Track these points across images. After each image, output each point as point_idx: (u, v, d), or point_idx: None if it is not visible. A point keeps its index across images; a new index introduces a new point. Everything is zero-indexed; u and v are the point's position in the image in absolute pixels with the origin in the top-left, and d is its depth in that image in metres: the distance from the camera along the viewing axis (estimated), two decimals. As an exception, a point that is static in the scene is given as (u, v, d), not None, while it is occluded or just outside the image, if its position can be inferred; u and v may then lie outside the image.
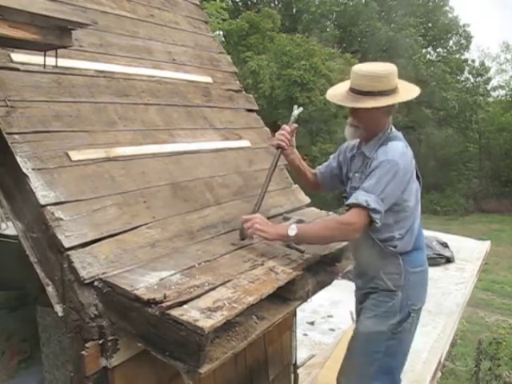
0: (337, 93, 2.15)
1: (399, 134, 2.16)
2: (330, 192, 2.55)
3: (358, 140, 2.23)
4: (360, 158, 2.19)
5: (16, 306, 2.99)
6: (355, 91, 2.05)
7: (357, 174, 2.18)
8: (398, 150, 2.03)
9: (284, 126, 2.29)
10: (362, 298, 2.28)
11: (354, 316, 2.49)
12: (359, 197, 1.94)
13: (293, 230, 1.92)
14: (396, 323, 2.13)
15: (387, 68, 2.07)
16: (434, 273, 5.73)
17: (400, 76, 2.11)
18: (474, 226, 18.11)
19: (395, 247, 2.13)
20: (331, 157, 2.44)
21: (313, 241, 2.01)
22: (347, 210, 1.98)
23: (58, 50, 1.61)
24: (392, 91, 2.03)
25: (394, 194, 1.98)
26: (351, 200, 1.97)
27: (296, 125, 2.31)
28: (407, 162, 2.04)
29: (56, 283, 1.61)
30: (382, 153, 2.02)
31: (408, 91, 2.11)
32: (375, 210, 1.92)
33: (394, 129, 2.17)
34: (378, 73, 2.02)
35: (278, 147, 2.25)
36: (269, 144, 2.62)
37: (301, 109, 2.35)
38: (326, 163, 2.44)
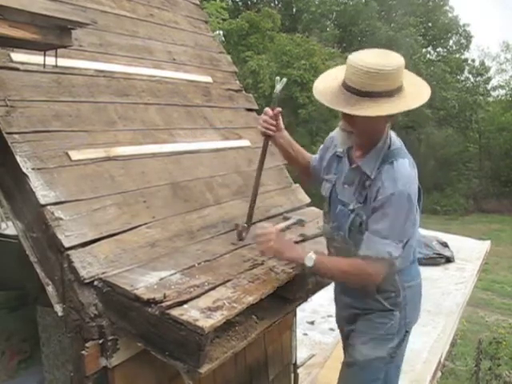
0: (327, 88, 1.72)
1: (401, 146, 1.82)
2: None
3: None
4: (354, 171, 1.83)
5: (16, 306, 2.98)
6: (351, 89, 1.64)
7: (346, 186, 1.85)
8: (406, 174, 1.70)
9: (266, 109, 1.99)
10: (351, 318, 1.99)
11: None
12: (379, 248, 1.68)
13: (310, 261, 1.71)
14: (395, 346, 1.90)
15: (395, 62, 1.63)
16: (434, 273, 5.77)
17: None
18: (474, 226, 18.09)
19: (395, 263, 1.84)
20: (319, 150, 2.10)
21: (328, 277, 1.91)
22: (362, 258, 1.72)
23: (58, 50, 1.61)
24: (398, 90, 1.64)
25: (408, 228, 1.75)
26: (368, 252, 1.70)
27: (279, 108, 1.99)
28: (415, 186, 1.74)
29: (56, 283, 1.61)
30: (389, 181, 1.68)
31: (416, 91, 1.70)
32: (397, 257, 1.72)
33: (393, 135, 1.83)
34: (384, 69, 1.59)
35: (264, 135, 2.01)
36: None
37: (284, 80, 2.01)
38: (317, 157, 2.09)
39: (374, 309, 1.90)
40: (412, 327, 1.98)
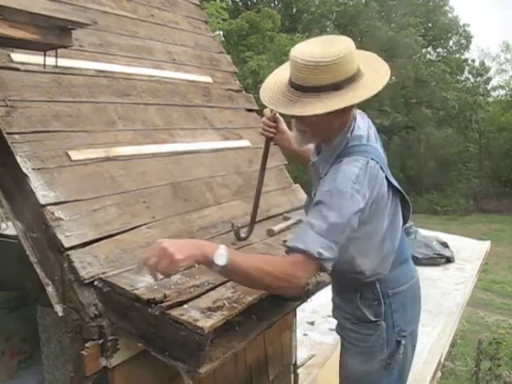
0: (274, 88, 1.57)
1: (362, 139, 1.60)
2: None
3: None
4: (313, 167, 1.73)
5: (16, 306, 2.98)
6: (294, 85, 1.49)
7: (316, 183, 1.68)
8: (349, 173, 1.47)
9: (265, 110, 1.93)
10: (341, 322, 1.87)
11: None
12: (310, 242, 1.42)
13: (221, 258, 1.35)
14: (386, 358, 1.74)
15: (338, 51, 1.43)
16: (434, 273, 5.77)
17: (400, 76, 1.76)
18: (473, 226, 18.08)
19: (364, 274, 1.69)
20: None
21: (243, 282, 1.48)
22: (287, 252, 1.49)
23: (58, 50, 1.61)
24: (348, 81, 1.46)
25: (348, 232, 1.49)
26: (298, 244, 1.44)
27: (275, 111, 1.88)
28: (366, 185, 1.48)
29: (56, 283, 1.61)
30: (330, 178, 1.51)
31: (372, 79, 1.50)
32: (328, 259, 1.44)
33: (359, 126, 1.62)
34: (324, 60, 1.41)
35: (265, 137, 1.97)
36: None
37: None
38: None
39: (359, 319, 1.76)
40: (410, 333, 1.79)
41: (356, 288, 1.75)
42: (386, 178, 1.59)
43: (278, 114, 1.92)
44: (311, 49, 1.46)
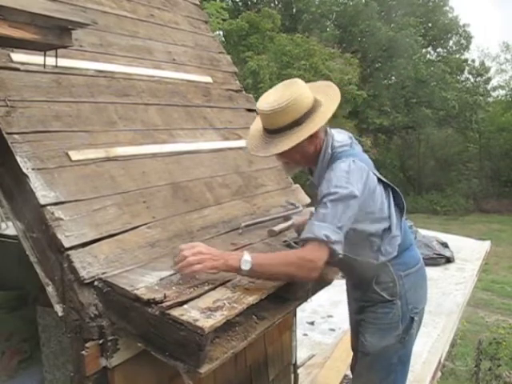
0: (255, 134, 1.88)
1: (344, 147, 1.88)
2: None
3: None
4: (312, 185, 1.98)
5: (16, 306, 2.99)
6: (266, 130, 1.81)
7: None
8: (341, 174, 1.73)
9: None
10: (358, 310, 2.13)
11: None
12: (316, 229, 1.66)
13: (246, 264, 1.58)
14: (402, 333, 1.99)
15: (290, 94, 1.74)
16: (433, 273, 5.77)
17: (400, 76, 1.90)
18: (474, 226, 18.08)
19: (377, 259, 1.95)
20: None
21: (268, 277, 1.67)
22: (302, 245, 1.73)
23: (58, 50, 1.61)
24: (309, 113, 1.76)
25: (350, 220, 1.74)
26: (307, 234, 1.69)
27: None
28: (357, 179, 1.75)
29: (56, 283, 1.61)
30: (325, 182, 1.76)
31: (327, 108, 1.79)
32: (336, 242, 1.66)
33: (335, 137, 1.89)
34: (279, 106, 1.72)
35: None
36: None
37: None
38: None
39: (376, 301, 2.00)
40: (420, 311, 2.05)
41: (371, 275, 1.97)
42: (374, 173, 1.87)
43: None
44: (269, 99, 1.77)
